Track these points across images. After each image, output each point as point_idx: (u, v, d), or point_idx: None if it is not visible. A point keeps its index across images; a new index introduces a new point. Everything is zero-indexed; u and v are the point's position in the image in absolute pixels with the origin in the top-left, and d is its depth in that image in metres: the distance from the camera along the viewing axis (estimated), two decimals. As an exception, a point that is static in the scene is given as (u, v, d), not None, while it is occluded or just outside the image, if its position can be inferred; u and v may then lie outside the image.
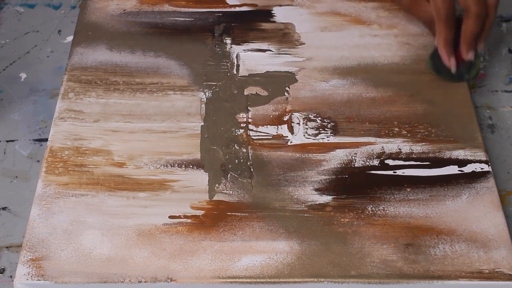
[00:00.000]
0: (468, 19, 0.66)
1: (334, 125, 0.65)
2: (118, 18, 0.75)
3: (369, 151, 0.63)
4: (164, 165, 0.62)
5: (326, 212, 0.59)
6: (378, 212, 0.59)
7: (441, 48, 0.68)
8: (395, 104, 0.67)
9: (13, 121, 0.71)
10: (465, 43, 0.67)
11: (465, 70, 0.68)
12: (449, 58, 0.67)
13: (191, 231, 0.58)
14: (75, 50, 0.72)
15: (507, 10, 0.81)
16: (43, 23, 0.81)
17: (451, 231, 0.57)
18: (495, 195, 0.60)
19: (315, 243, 0.57)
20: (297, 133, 0.65)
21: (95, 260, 0.56)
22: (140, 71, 0.70)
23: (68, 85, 0.68)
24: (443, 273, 0.55)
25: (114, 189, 0.60)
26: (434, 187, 0.60)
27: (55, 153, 0.63)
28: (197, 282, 0.55)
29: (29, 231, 0.58)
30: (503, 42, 0.78)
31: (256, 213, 0.59)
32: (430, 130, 0.65)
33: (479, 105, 0.72)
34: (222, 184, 0.61)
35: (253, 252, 0.56)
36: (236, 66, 0.70)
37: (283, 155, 0.63)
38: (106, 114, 0.66)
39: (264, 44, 0.72)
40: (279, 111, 0.66)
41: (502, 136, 0.69)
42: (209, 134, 0.64)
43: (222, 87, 0.69)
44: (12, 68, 0.76)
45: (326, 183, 0.61)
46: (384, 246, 0.57)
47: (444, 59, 0.68)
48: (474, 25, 0.66)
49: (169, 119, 0.66)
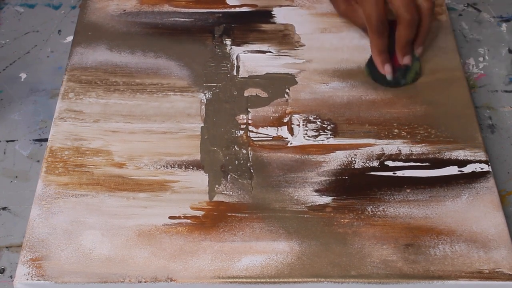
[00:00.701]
0: (400, 27, 0.66)
1: (334, 127, 0.65)
2: (118, 18, 0.75)
3: (368, 153, 0.63)
4: (164, 166, 0.62)
5: (326, 213, 0.59)
6: (378, 212, 0.59)
7: (375, 57, 0.68)
8: (395, 106, 0.67)
9: (13, 121, 0.71)
10: (399, 49, 0.68)
11: (401, 76, 0.68)
12: (383, 66, 0.68)
13: (191, 232, 0.58)
14: (75, 50, 0.72)
15: (507, 10, 0.81)
16: (43, 23, 0.81)
17: (451, 231, 0.58)
18: (495, 195, 0.60)
19: (315, 243, 0.57)
20: (297, 134, 0.65)
21: (95, 260, 0.56)
22: (140, 72, 0.70)
23: (68, 85, 0.68)
24: (443, 273, 0.55)
25: (114, 190, 0.60)
26: (434, 188, 0.60)
27: (55, 153, 0.63)
28: (197, 282, 0.55)
29: (29, 231, 0.58)
30: (503, 42, 0.78)
31: (256, 214, 0.59)
32: (430, 131, 0.65)
33: (479, 105, 0.72)
34: (222, 185, 0.61)
35: (253, 252, 0.56)
36: (236, 67, 0.70)
37: (283, 157, 0.63)
38: (106, 114, 0.66)
39: (264, 45, 0.72)
40: (279, 113, 0.66)
41: (502, 136, 0.69)
42: (209, 135, 0.65)
43: (222, 89, 0.69)
44: (12, 68, 0.76)
45: (326, 184, 0.61)
46: (384, 246, 0.57)
47: (379, 67, 0.68)
48: (406, 32, 0.66)
49: (169, 120, 0.66)
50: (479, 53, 0.77)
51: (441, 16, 0.75)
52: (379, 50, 0.68)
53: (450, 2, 0.83)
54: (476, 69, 0.76)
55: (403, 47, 0.67)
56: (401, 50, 0.68)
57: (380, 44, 0.67)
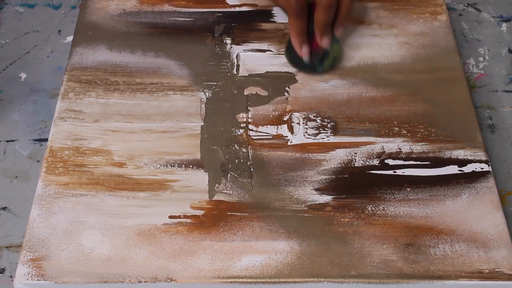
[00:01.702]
0: (318, 10, 0.67)
1: (334, 125, 0.65)
2: (118, 18, 0.75)
3: (369, 151, 0.63)
4: (164, 165, 0.62)
5: (326, 212, 0.59)
6: (378, 212, 0.59)
7: (293, 38, 0.69)
8: (395, 104, 0.67)
9: (13, 121, 0.71)
10: (318, 30, 0.69)
11: (318, 61, 0.69)
12: (301, 47, 0.69)
13: (191, 231, 0.58)
14: (75, 50, 0.72)
15: (507, 10, 0.81)
16: (43, 23, 0.81)
17: (451, 231, 0.57)
18: (495, 195, 0.60)
19: (315, 243, 0.57)
20: (297, 133, 0.65)
21: (95, 260, 0.56)
22: (140, 71, 0.70)
23: (68, 85, 0.68)
24: (443, 273, 0.55)
25: (114, 189, 0.60)
26: (434, 187, 0.60)
27: (55, 153, 0.63)
28: (197, 282, 0.55)
29: (29, 231, 0.58)
30: (503, 42, 0.78)
31: (256, 213, 0.59)
32: (430, 130, 0.65)
33: (479, 105, 0.72)
34: (222, 184, 0.61)
35: (253, 252, 0.56)
36: (236, 66, 0.70)
37: (283, 155, 0.63)
38: (106, 114, 0.66)
39: (264, 44, 0.72)
40: (279, 111, 0.66)
41: (502, 136, 0.69)
42: (209, 134, 0.64)
43: (222, 87, 0.69)
44: (12, 68, 0.76)
45: (326, 183, 0.61)
46: (384, 246, 0.57)
47: (296, 48, 0.69)
48: (323, 15, 0.67)
49: (169, 119, 0.66)
50: (479, 53, 0.77)
51: (441, 16, 0.75)
52: (297, 31, 0.68)
53: (450, 2, 0.83)
54: (476, 69, 0.76)
55: (321, 29, 0.68)
56: (319, 32, 0.68)
57: (298, 26, 0.68)
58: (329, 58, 0.68)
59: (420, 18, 0.74)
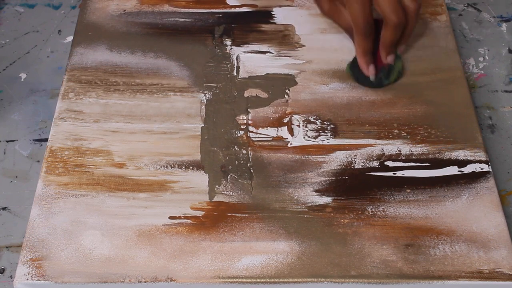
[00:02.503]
0: (387, 29, 0.66)
1: (334, 127, 0.65)
2: (118, 18, 0.75)
3: (368, 153, 0.63)
4: (164, 166, 0.62)
5: (326, 213, 0.59)
6: (378, 213, 0.59)
7: (360, 59, 0.68)
8: (395, 106, 0.67)
9: (13, 121, 0.71)
10: (384, 50, 0.67)
11: (384, 76, 0.68)
12: (367, 67, 0.68)
13: (191, 232, 0.58)
14: (75, 50, 0.72)
15: (507, 10, 0.81)
16: (43, 23, 0.81)
17: (451, 231, 0.58)
18: (495, 195, 0.60)
19: (315, 243, 0.57)
20: (297, 135, 0.65)
21: (95, 260, 0.56)
22: (140, 72, 0.70)
23: (68, 85, 0.68)
24: (443, 273, 0.55)
25: (114, 190, 0.60)
26: (434, 188, 0.60)
27: (55, 153, 0.63)
28: (197, 282, 0.55)
29: (29, 231, 0.58)
30: (503, 42, 0.78)
31: (256, 214, 0.59)
32: (430, 131, 0.65)
33: (479, 105, 0.72)
34: (222, 185, 0.61)
35: (253, 252, 0.56)
36: (236, 68, 0.70)
37: (283, 157, 0.63)
38: (106, 114, 0.66)
39: (264, 46, 0.72)
40: (279, 113, 0.66)
41: (502, 136, 0.69)
42: (209, 136, 0.65)
43: (222, 89, 0.69)
44: (12, 68, 0.76)
45: (326, 185, 0.61)
46: (384, 246, 0.57)
47: (363, 68, 0.68)
48: (392, 34, 0.66)
49: (169, 120, 0.66)
50: (479, 53, 0.77)
51: (441, 16, 0.75)
52: (364, 51, 0.67)
53: (450, 2, 0.83)
54: (476, 69, 0.76)
55: (388, 48, 0.67)
56: (386, 51, 0.67)
57: (365, 46, 0.67)
58: (394, 73, 0.68)
59: (420, 18, 0.74)
